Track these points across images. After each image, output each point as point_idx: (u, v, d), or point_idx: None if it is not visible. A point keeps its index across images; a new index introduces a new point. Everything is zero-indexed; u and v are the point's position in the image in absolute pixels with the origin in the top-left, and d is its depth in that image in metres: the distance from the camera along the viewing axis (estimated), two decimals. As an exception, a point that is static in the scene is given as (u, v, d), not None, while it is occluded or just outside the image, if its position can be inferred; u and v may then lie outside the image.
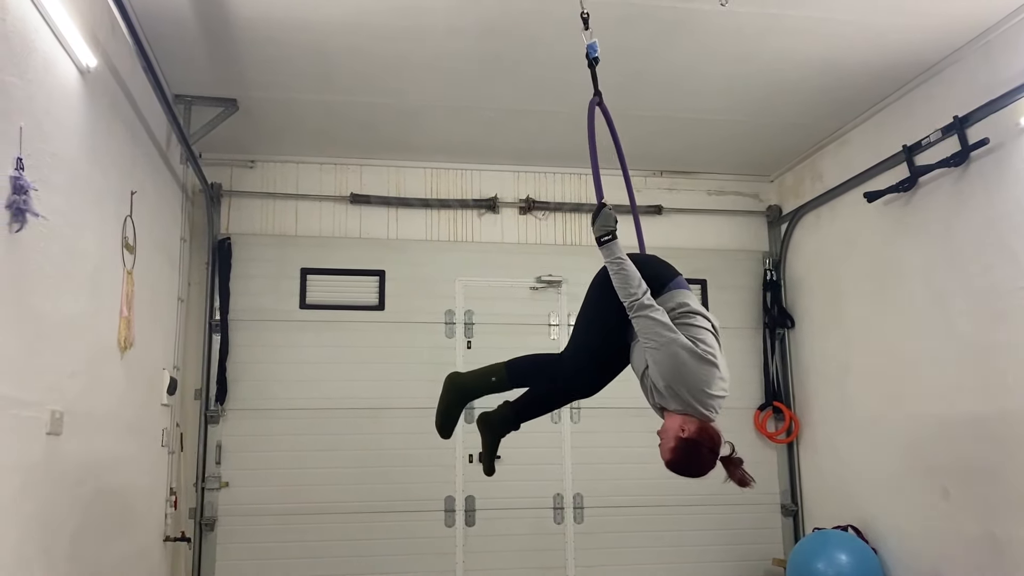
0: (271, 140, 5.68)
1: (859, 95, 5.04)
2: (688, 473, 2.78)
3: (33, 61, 2.93)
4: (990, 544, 4.18)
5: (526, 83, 4.82)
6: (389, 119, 5.36)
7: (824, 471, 5.75)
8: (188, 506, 5.35)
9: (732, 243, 6.40)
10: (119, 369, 3.98)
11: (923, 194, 4.78)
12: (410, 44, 4.40)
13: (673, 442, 2.73)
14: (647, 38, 4.36)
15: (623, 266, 2.76)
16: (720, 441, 2.74)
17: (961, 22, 4.21)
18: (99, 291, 3.67)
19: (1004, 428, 4.12)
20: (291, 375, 5.64)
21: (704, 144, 5.83)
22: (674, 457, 2.74)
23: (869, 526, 5.14)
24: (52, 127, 3.10)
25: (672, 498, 5.84)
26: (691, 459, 2.73)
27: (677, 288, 2.91)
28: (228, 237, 5.73)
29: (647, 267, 2.90)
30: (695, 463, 2.74)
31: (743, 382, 6.13)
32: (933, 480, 4.60)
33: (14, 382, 2.81)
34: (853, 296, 5.43)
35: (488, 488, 5.68)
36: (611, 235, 2.81)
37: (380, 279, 5.90)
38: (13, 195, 2.72)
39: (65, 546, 3.31)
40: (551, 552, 5.72)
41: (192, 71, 4.69)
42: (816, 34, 4.33)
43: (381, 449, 5.62)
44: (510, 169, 6.12)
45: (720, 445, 2.74)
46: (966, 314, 4.40)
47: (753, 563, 5.90)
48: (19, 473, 2.86)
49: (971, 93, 4.37)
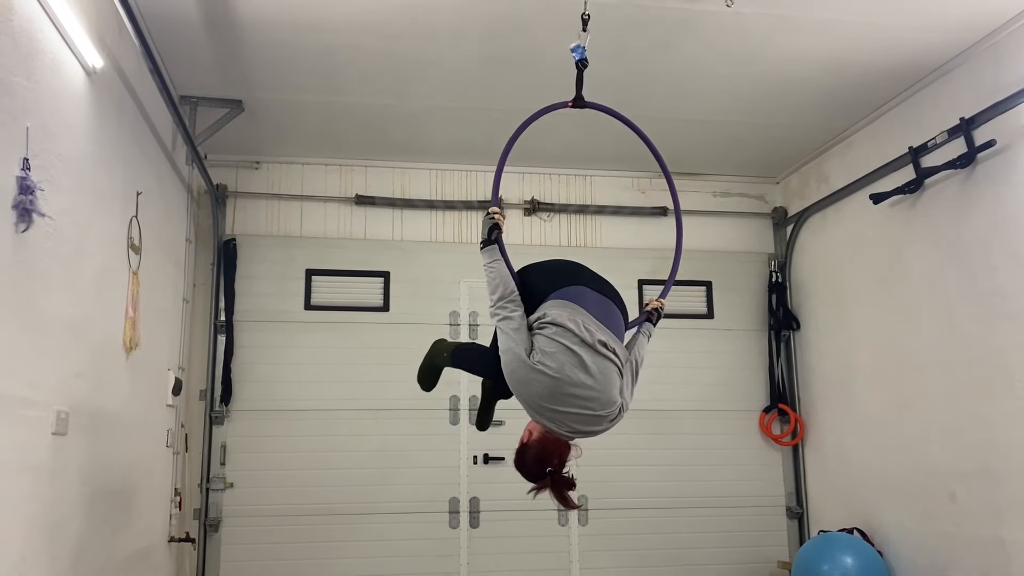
0: (276, 141, 5.69)
1: (865, 96, 5.03)
2: (523, 475, 2.86)
3: (40, 62, 2.94)
4: (996, 547, 4.16)
5: (531, 84, 4.81)
6: (394, 120, 5.37)
7: (829, 473, 5.73)
8: (192, 507, 5.35)
9: (737, 245, 6.39)
10: (124, 370, 3.99)
11: (929, 196, 4.76)
12: (415, 45, 4.40)
13: (517, 444, 2.87)
14: (652, 39, 4.35)
15: (489, 272, 2.90)
16: (554, 455, 2.76)
17: (968, 23, 4.20)
18: (105, 292, 3.68)
19: (1010, 431, 4.10)
20: (296, 376, 5.64)
21: (709, 146, 5.82)
22: (515, 458, 2.87)
23: (875, 529, 5.12)
24: (58, 128, 3.11)
25: (676, 500, 5.84)
26: (519, 463, 2.84)
27: (560, 299, 2.83)
28: (233, 238, 5.74)
29: (547, 274, 2.97)
30: (521, 468, 2.84)
31: (748, 384, 6.12)
32: (939, 483, 4.58)
33: (20, 382, 2.81)
34: (858, 298, 5.42)
35: (492, 490, 5.68)
36: (485, 242, 2.96)
37: (385, 280, 5.90)
38: (19, 195, 2.73)
39: (70, 546, 3.31)
40: (555, 554, 5.70)
41: (198, 72, 4.70)
42: (821, 35, 4.32)
43: (386, 450, 5.62)
44: (515, 171, 6.11)
45: (551, 459, 2.76)
46: (972, 316, 4.38)
47: (758, 566, 5.88)
48: (25, 473, 2.87)
49: (978, 94, 4.36)
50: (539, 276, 2.98)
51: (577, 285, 2.91)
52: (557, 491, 2.78)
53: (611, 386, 2.74)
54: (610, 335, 2.79)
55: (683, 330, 6.06)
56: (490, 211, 3.01)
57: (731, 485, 5.92)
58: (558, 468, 2.78)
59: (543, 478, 2.78)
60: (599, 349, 2.72)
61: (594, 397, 2.71)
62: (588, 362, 2.69)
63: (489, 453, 5.70)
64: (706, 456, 5.97)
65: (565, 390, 2.68)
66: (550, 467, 2.76)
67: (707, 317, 6.20)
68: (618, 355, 2.78)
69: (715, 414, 6.00)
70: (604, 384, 2.72)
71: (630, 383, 2.90)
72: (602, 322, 2.80)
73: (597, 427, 2.77)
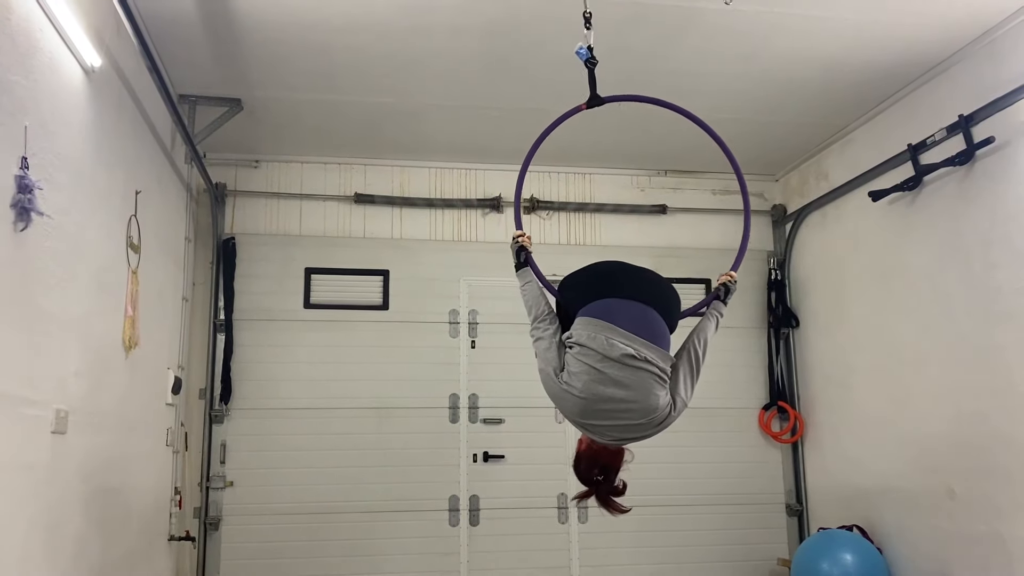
0: (275, 140, 5.69)
1: (864, 94, 5.03)
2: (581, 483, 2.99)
3: (38, 61, 2.94)
4: (996, 544, 4.16)
5: (531, 82, 4.82)
6: (393, 119, 5.36)
7: (829, 471, 5.73)
8: (192, 505, 5.35)
9: (737, 242, 6.35)
10: (124, 368, 3.99)
11: (928, 193, 4.76)
12: (415, 43, 4.40)
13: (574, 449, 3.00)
14: (651, 37, 4.35)
15: (523, 294, 3.06)
16: (605, 462, 2.89)
17: (966, 20, 4.20)
18: (104, 290, 3.68)
19: (1010, 427, 4.10)
20: (295, 375, 5.64)
21: (708, 143, 5.72)
22: (573, 466, 3.00)
23: (874, 526, 5.13)
24: (57, 126, 3.11)
25: (677, 498, 5.84)
26: (577, 472, 2.97)
27: (587, 315, 2.85)
28: (232, 237, 5.74)
29: (580, 288, 2.99)
30: (579, 476, 2.97)
31: (747, 382, 6.12)
32: (939, 480, 4.59)
33: (19, 381, 2.82)
34: (858, 295, 5.42)
35: (492, 488, 5.69)
36: (517, 265, 3.11)
37: (384, 279, 5.90)
38: (18, 194, 2.73)
39: (70, 545, 3.32)
40: (555, 552, 5.71)
41: (197, 71, 4.70)
42: (821, 33, 4.32)
43: (385, 449, 5.62)
44: (515, 169, 6.06)
45: (604, 466, 2.89)
46: (971, 313, 4.38)
47: (758, 563, 5.89)
48: (24, 472, 2.87)
49: (976, 92, 4.35)
50: (573, 291, 3.01)
51: (607, 298, 2.88)
52: (601, 499, 2.91)
53: (648, 394, 2.74)
54: (643, 343, 2.75)
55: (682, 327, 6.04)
56: (515, 236, 3.12)
57: (731, 483, 5.92)
58: (610, 476, 2.89)
59: (592, 485, 2.89)
60: (627, 363, 2.71)
61: (630, 408, 2.73)
62: (616, 376, 2.70)
63: (489, 451, 5.70)
64: (706, 454, 5.97)
65: (595, 407, 2.73)
66: (601, 475, 2.87)
67: (706, 315, 6.20)
68: (652, 362, 2.75)
69: (714, 412, 6.00)
70: (640, 394, 2.73)
71: (688, 378, 2.91)
72: (634, 331, 2.77)
73: (641, 433, 2.82)
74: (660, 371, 2.77)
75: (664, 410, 2.77)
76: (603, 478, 2.87)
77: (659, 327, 2.87)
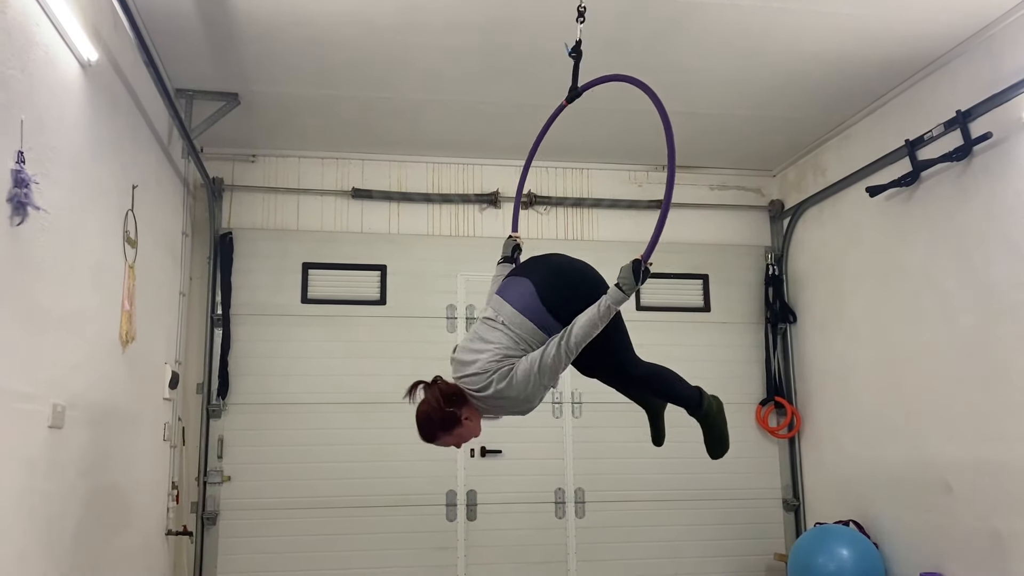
0: (272, 134, 5.68)
1: (861, 89, 5.03)
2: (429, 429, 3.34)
3: (34, 54, 2.93)
4: (992, 539, 4.18)
5: (528, 77, 4.81)
6: (391, 114, 5.35)
7: (826, 466, 5.75)
8: (190, 500, 5.36)
9: (734, 238, 6.39)
10: (121, 363, 3.98)
11: (925, 189, 4.77)
12: (412, 38, 4.39)
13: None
14: (648, 32, 4.35)
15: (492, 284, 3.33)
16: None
17: (964, 16, 4.19)
18: (101, 285, 3.67)
19: (1006, 422, 4.11)
20: (293, 369, 5.64)
21: (706, 139, 5.82)
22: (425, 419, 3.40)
23: (871, 521, 5.14)
24: (53, 121, 3.10)
25: (673, 493, 5.85)
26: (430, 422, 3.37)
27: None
28: (230, 231, 5.73)
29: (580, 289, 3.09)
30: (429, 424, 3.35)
31: (744, 377, 6.13)
32: (935, 475, 4.60)
33: (16, 376, 2.81)
34: (855, 291, 5.42)
35: (490, 483, 5.70)
36: (504, 259, 3.43)
37: (382, 274, 5.90)
38: (14, 188, 2.72)
39: (67, 540, 3.32)
40: (552, 546, 5.72)
41: (194, 65, 4.69)
42: (818, 28, 4.32)
43: (383, 443, 5.62)
44: (512, 164, 6.10)
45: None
46: (968, 308, 4.39)
47: (754, 558, 5.91)
48: (21, 467, 2.87)
49: (974, 87, 4.36)
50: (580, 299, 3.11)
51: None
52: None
53: (493, 352, 3.05)
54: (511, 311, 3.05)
55: (680, 323, 6.08)
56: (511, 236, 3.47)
57: (727, 478, 5.93)
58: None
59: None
60: (485, 322, 3.14)
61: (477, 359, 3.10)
62: (480, 332, 3.14)
63: (486, 446, 5.71)
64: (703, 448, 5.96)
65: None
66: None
67: (704, 310, 6.21)
68: (507, 325, 3.04)
69: (712, 407, 6.01)
70: (488, 348, 3.08)
71: (538, 357, 2.98)
72: (509, 300, 3.08)
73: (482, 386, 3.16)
74: (512, 333, 2.97)
75: (489, 366, 2.97)
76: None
77: (531, 300, 3.01)
